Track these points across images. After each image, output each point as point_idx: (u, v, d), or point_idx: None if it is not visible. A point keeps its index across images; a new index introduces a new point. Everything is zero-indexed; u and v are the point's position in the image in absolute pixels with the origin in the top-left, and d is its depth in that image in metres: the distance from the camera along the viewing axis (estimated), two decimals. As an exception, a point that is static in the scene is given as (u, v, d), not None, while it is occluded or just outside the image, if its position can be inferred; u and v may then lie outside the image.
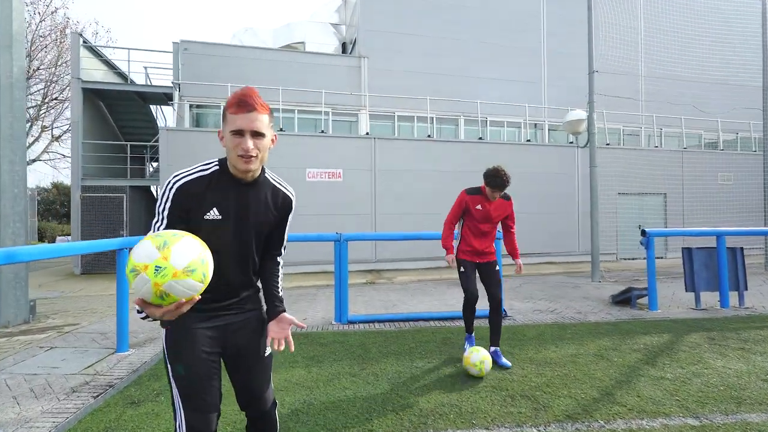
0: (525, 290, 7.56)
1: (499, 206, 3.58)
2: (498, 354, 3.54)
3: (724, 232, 5.83)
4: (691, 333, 4.42)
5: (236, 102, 1.35)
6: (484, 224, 3.57)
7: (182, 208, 1.38)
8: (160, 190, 1.40)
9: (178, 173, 1.41)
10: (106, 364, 3.65)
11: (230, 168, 1.43)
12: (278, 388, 3.04)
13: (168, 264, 1.14)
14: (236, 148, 1.36)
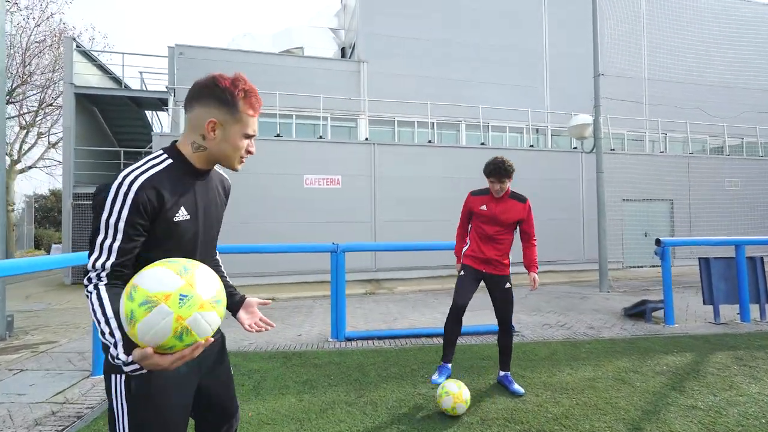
0: (531, 301, 7.23)
1: (509, 208, 3.10)
2: (509, 379, 3.21)
3: (743, 241, 5.52)
4: (716, 352, 4.09)
5: (255, 104, 1.25)
6: (490, 227, 3.10)
7: (145, 214, 1.11)
8: (108, 193, 1.10)
9: (127, 172, 1.13)
10: (78, 390, 3.32)
11: (199, 158, 1.24)
12: (265, 421, 2.71)
13: (194, 292, 0.97)
14: (242, 149, 1.26)
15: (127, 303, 0.94)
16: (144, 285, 0.95)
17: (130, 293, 0.96)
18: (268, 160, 10.06)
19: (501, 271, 3.13)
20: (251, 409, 2.89)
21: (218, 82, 1.21)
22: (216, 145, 1.22)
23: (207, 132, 1.20)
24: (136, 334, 0.95)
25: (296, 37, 15.35)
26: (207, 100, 1.21)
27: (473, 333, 4.88)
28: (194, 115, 1.22)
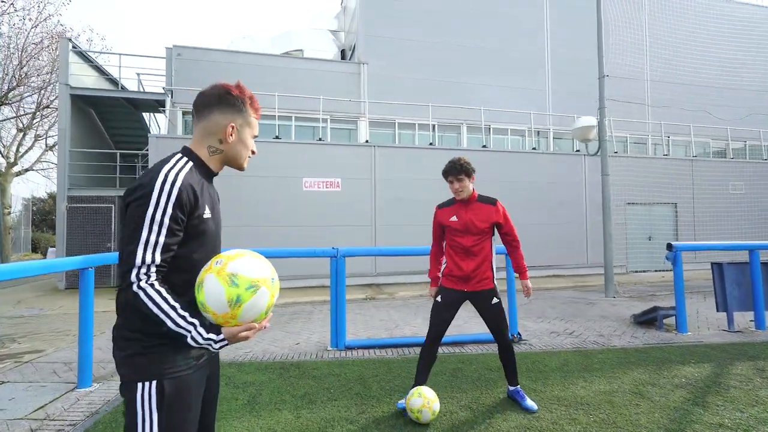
0: (535, 308, 7.03)
1: (480, 212, 2.87)
2: (521, 395, 2.99)
3: (757, 246, 5.33)
4: (735, 362, 3.89)
5: (258, 108, 1.41)
6: (466, 238, 2.85)
7: (185, 210, 1.18)
8: (150, 190, 1.14)
9: (168, 169, 1.19)
10: (61, 405, 3.12)
11: (215, 161, 1.35)
12: (259, 441, 2.51)
13: (276, 275, 1.19)
14: (249, 149, 1.39)
15: (230, 289, 1.08)
16: (245, 272, 1.11)
17: (231, 281, 1.09)
18: (267, 162, 9.88)
19: (485, 286, 2.87)
20: (245, 427, 2.69)
21: (231, 90, 1.33)
22: (232, 148, 1.34)
23: (226, 136, 1.32)
24: (238, 314, 1.11)
25: (296, 39, 15.22)
26: (224, 107, 1.32)
27: (479, 341, 4.68)
28: (211, 121, 1.32)
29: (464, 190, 2.85)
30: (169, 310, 1.11)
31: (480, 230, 2.85)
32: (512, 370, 3.01)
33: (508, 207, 3.05)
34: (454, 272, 2.88)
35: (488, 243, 2.91)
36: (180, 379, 1.18)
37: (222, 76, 11.18)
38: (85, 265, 3.43)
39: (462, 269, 2.84)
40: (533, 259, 11.47)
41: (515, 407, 2.95)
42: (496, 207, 2.92)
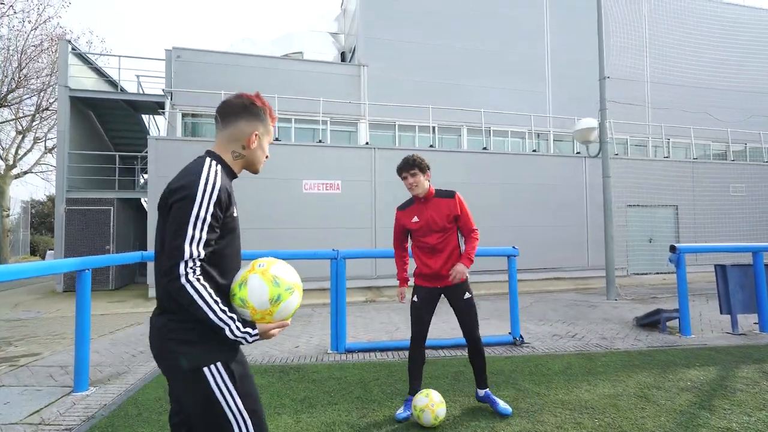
0: (537, 310, 6.99)
1: (440, 207, 2.82)
2: (492, 399, 2.90)
3: (761, 248, 5.29)
4: (741, 365, 3.85)
5: (275, 117, 1.53)
6: (430, 236, 2.81)
7: (221, 209, 1.31)
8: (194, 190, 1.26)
9: (207, 173, 1.31)
10: (56, 409, 3.06)
11: (237, 165, 1.48)
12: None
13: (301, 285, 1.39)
14: (266, 154, 1.55)
15: (273, 288, 1.26)
16: (284, 276, 1.30)
17: (274, 281, 1.27)
18: (266, 164, 9.73)
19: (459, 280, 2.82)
20: None
21: (255, 101, 1.46)
22: (253, 153, 1.48)
23: (249, 143, 1.45)
24: (274, 311, 1.27)
25: (296, 41, 15.21)
26: (249, 116, 1.45)
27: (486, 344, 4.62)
28: (237, 129, 1.43)
29: (419, 186, 2.81)
30: (213, 304, 1.21)
31: (441, 227, 2.81)
32: (481, 373, 2.93)
33: (509, 209, 3.05)
34: (424, 271, 2.85)
35: (454, 237, 2.87)
36: (236, 354, 1.33)
37: (221, 78, 11.21)
38: (82, 266, 3.39)
39: (431, 267, 2.80)
40: (535, 261, 11.49)
41: (519, 412, 2.90)
42: (455, 199, 2.87)
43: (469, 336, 2.86)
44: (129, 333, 5.66)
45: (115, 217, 10.74)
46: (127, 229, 11.68)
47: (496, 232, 10.83)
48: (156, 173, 9.34)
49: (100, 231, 10.58)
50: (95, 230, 10.53)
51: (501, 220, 11.25)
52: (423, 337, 2.89)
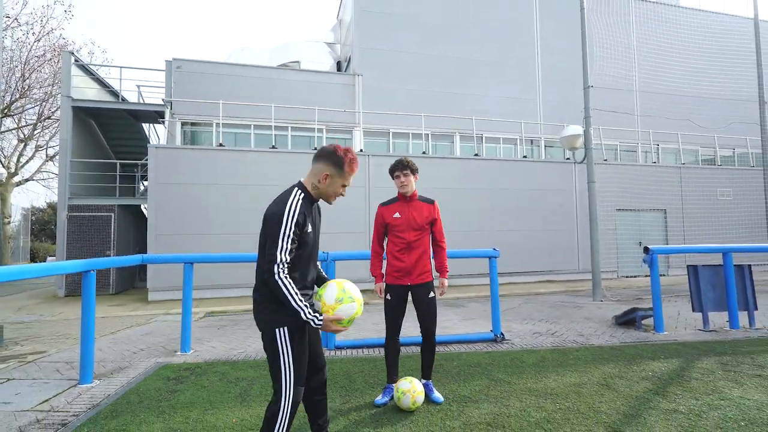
0: (524, 311, 7.25)
1: (421, 209, 3.16)
2: (430, 387, 3.20)
3: (730, 248, 5.57)
4: (702, 358, 4.12)
5: (355, 168, 2.02)
6: (409, 233, 3.11)
7: (299, 228, 1.87)
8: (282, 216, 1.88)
9: (291, 201, 1.89)
10: (64, 399, 3.33)
11: (313, 193, 2.01)
12: (248, 427, 2.72)
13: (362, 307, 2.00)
14: (338, 194, 2.05)
15: (340, 292, 1.91)
16: (350, 289, 1.94)
17: (343, 289, 1.92)
18: (264, 171, 10.16)
19: (424, 279, 3.13)
20: (236, 416, 2.90)
21: (337, 150, 1.99)
22: (325, 188, 1.99)
23: (321, 180, 1.97)
24: (337, 308, 1.88)
25: (293, 51, 15.56)
26: (327, 160, 1.98)
27: (464, 341, 4.90)
28: (317, 167, 1.99)
29: (409, 185, 3.15)
30: (294, 294, 1.81)
31: (420, 225, 3.14)
32: (429, 366, 3.24)
33: (500, 214, 3.37)
34: (397, 266, 3.13)
35: (427, 238, 3.20)
36: (297, 324, 1.89)
37: (220, 88, 11.55)
38: (87, 267, 3.66)
39: (404, 262, 3.10)
40: (526, 265, 11.77)
41: (488, 397, 3.17)
42: (434, 206, 3.23)
43: (427, 332, 3.17)
44: (130, 333, 5.92)
45: (115, 223, 11.01)
46: (128, 235, 11.95)
47: (486, 237, 11.12)
48: (156, 180, 9.63)
49: (101, 236, 10.85)
50: (96, 236, 10.80)
51: (492, 224, 11.55)
52: (397, 331, 3.18)
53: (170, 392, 3.38)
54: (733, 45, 14.90)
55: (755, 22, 10.87)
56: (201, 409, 3.03)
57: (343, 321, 1.87)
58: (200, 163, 9.93)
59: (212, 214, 9.84)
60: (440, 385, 3.45)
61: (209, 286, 9.38)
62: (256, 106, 11.50)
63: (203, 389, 3.44)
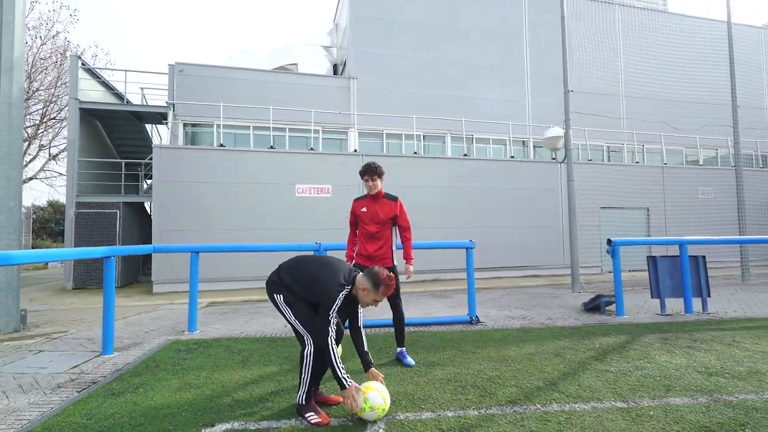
0: (503, 301, 7.81)
1: (384, 206, 3.75)
2: (404, 354, 3.77)
3: (686, 241, 6.14)
4: (648, 334, 4.68)
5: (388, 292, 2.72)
6: (371, 225, 3.73)
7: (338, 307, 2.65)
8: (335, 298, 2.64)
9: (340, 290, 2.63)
10: (91, 365, 3.87)
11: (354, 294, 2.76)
12: (250, 382, 3.28)
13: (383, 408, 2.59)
14: (369, 302, 2.78)
15: (363, 404, 2.51)
16: (372, 401, 2.53)
17: (367, 398, 2.53)
18: (262, 170, 10.71)
19: (385, 264, 3.66)
20: (239, 375, 3.45)
21: (380, 275, 2.66)
22: (361, 297, 2.71)
23: (360, 290, 2.68)
24: (361, 415, 2.54)
25: (291, 54, 16.09)
26: (368, 278, 2.68)
27: (442, 323, 5.45)
28: (361, 279, 2.70)
29: (375, 187, 3.73)
30: (338, 360, 2.59)
31: (381, 220, 3.73)
32: (400, 334, 3.83)
33: (489, 211, 3.91)
34: (362, 252, 3.76)
35: (389, 231, 3.80)
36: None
37: (221, 90, 12.10)
38: (109, 254, 4.21)
39: (367, 250, 3.73)
40: (513, 260, 12.35)
41: (453, 360, 3.73)
42: (397, 203, 3.81)
43: (393, 304, 3.78)
44: (139, 318, 6.46)
45: (121, 220, 11.54)
46: (132, 231, 12.47)
47: (474, 232, 11.67)
48: (160, 179, 10.17)
49: (108, 232, 11.38)
50: (103, 231, 11.33)
51: (480, 221, 12.11)
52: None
53: (182, 360, 3.93)
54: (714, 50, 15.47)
55: (728, 26, 11.43)
56: (209, 371, 3.58)
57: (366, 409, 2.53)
58: (202, 163, 10.47)
59: (213, 211, 10.39)
60: (414, 353, 4.01)
61: (210, 279, 9.91)
62: (254, 108, 12.04)
63: (210, 357, 4.00)
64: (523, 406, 2.76)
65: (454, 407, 2.75)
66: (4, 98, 5.52)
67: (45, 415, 2.75)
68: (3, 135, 5.49)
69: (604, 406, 2.72)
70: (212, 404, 2.85)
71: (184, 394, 3.05)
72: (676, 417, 2.55)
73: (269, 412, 2.72)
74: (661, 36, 15.51)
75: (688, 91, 14.71)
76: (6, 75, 5.55)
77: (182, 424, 2.55)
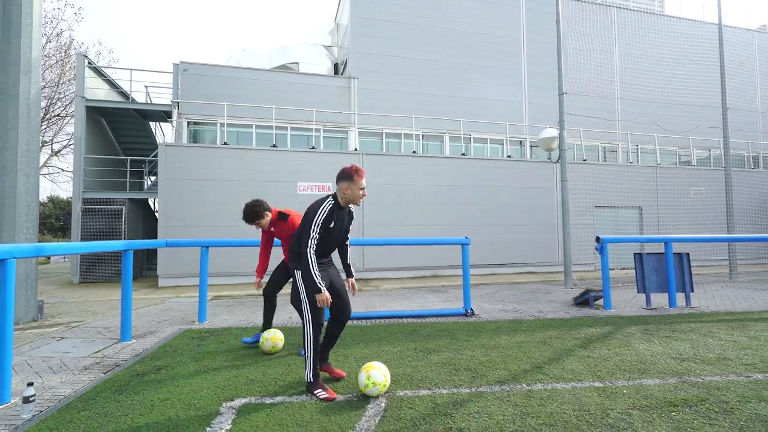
0: (498, 295, 8.12)
1: (282, 227, 4.21)
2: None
3: (671, 239, 6.46)
4: (631, 326, 5.00)
5: (362, 175, 3.02)
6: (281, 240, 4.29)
7: (325, 223, 2.97)
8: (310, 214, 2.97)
9: (324, 203, 2.98)
10: (112, 350, 4.17)
11: (341, 201, 3.04)
12: (262, 364, 3.58)
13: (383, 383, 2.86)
14: (360, 195, 3.03)
15: (365, 380, 2.82)
16: (375, 377, 2.82)
17: (370, 375, 2.83)
18: (265, 168, 10.98)
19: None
20: (251, 359, 3.75)
21: (344, 170, 3.01)
22: (349, 196, 3.01)
23: (343, 192, 2.99)
24: (364, 391, 2.85)
25: (292, 53, 16.33)
26: (339, 180, 3.01)
27: (438, 315, 5.76)
28: (337, 187, 3.02)
29: (264, 224, 4.17)
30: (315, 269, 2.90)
31: (283, 237, 4.22)
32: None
33: (487, 209, 4.31)
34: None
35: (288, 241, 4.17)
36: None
37: (224, 90, 12.36)
38: (126, 247, 4.49)
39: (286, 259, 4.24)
40: (508, 257, 12.67)
41: (448, 347, 4.03)
42: (286, 222, 4.19)
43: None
44: (149, 310, 6.75)
45: (126, 216, 11.81)
46: (137, 227, 12.74)
47: (471, 230, 12.02)
48: (165, 176, 10.43)
49: (113, 228, 11.65)
50: (109, 227, 11.60)
51: (478, 219, 12.43)
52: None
53: (197, 346, 4.23)
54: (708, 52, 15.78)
55: (719, 29, 11.73)
56: (224, 355, 3.88)
57: (369, 386, 2.83)
58: (206, 161, 10.74)
59: (217, 208, 10.67)
60: (411, 341, 4.32)
61: (213, 273, 10.21)
62: (257, 107, 12.30)
63: (223, 344, 4.30)
64: (511, 385, 3.07)
65: (448, 386, 3.06)
66: (23, 99, 5.78)
67: (78, 392, 3.04)
68: (22, 134, 5.76)
69: (582, 386, 3.03)
70: (230, 383, 3.15)
71: (203, 374, 3.35)
72: (646, 394, 2.86)
73: (282, 390, 3.02)
74: (656, 38, 15.82)
75: (682, 93, 15.03)
76: (25, 77, 5.82)
77: (205, 398, 2.85)
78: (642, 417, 2.50)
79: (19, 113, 5.76)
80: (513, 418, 2.51)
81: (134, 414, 2.61)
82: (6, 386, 2.86)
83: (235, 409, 2.66)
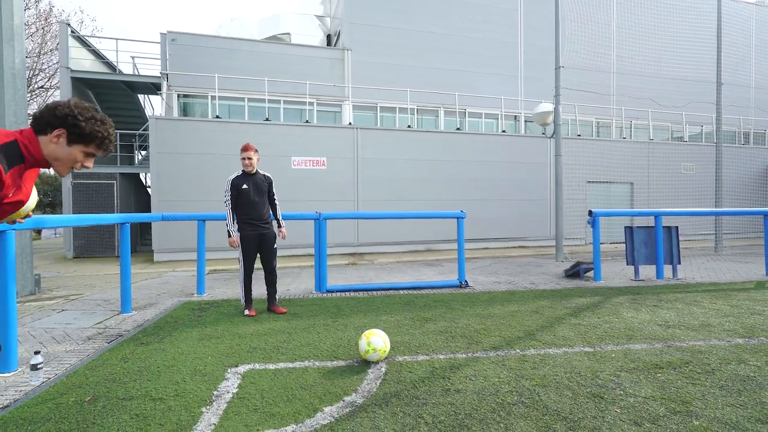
0: (491, 268, 8.28)
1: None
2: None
3: (660, 212, 6.59)
4: (620, 296, 5.17)
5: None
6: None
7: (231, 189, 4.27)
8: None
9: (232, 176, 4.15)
10: (113, 321, 4.23)
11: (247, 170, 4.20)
12: (262, 334, 3.67)
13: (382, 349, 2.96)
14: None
15: (366, 346, 2.91)
16: (375, 344, 2.91)
17: (370, 341, 2.91)
18: (258, 142, 10.72)
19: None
20: (252, 328, 3.84)
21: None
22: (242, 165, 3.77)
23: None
24: (365, 357, 2.93)
25: (283, 23, 15.85)
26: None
27: (434, 287, 5.89)
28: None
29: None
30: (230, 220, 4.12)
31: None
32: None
33: (481, 184, 4.41)
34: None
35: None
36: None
37: (215, 61, 12.04)
38: (123, 220, 4.49)
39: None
40: (502, 231, 12.83)
41: (444, 316, 4.15)
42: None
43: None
44: (147, 283, 6.80)
45: (118, 190, 11.69)
46: (129, 201, 12.63)
47: (465, 205, 12.08)
48: (157, 149, 10.28)
49: (105, 202, 11.54)
50: (101, 202, 11.49)
51: (471, 193, 12.50)
52: None
53: (197, 317, 4.31)
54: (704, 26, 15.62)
55: (718, 8, 11.60)
56: (225, 325, 3.97)
57: (369, 351, 2.93)
58: (198, 134, 10.57)
59: (210, 182, 10.57)
60: (408, 311, 4.44)
61: (209, 248, 10.22)
62: (249, 80, 12.03)
63: (223, 315, 4.38)
64: (505, 350, 3.19)
65: (445, 352, 3.18)
66: (8, 68, 5.61)
67: (84, 360, 3.11)
68: (9, 105, 5.62)
69: (573, 351, 3.17)
70: (232, 350, 3.24)
71: (206, 342, 3.43)
72: (633, 358, 3.00)
73: (285, 356, 3.11)
74: (654, 11, 15.59)
75: (677, 67, 14.96)
76: (8, 45, 5.62)
77: (210, 365, 2.93)
78: (630, 378, 2.64)
79: (4, 83, 5.60)
80: (508, 380, 2.63)
81: (142, 379, 2.69)
82: (12, 354, 2.92)
83: (240, 375, 2.75)
